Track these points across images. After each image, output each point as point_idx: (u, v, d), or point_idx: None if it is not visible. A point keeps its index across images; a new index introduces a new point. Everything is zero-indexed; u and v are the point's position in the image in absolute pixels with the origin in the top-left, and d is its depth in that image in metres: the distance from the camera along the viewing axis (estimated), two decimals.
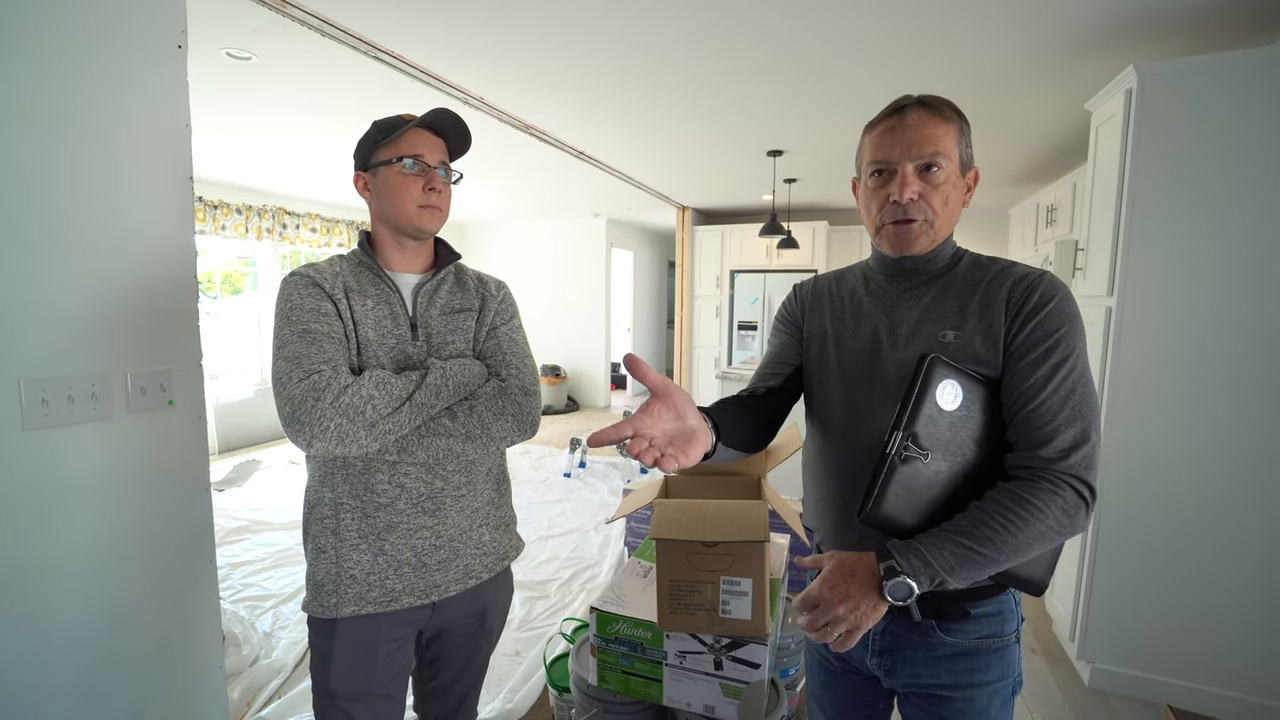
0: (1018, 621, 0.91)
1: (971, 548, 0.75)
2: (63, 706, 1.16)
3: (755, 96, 2.92)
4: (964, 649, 0.89)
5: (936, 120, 0.84)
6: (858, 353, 0.93)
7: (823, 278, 1.07)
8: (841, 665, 1.05)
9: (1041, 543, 0.76)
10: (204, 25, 2.16)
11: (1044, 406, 0.78)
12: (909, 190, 0.84)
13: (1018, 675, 0.92)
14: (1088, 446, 0.78)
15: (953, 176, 0.85)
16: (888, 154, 0.86)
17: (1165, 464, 1.97)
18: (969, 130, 0.89)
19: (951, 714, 0.91)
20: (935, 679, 0.91)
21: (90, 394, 1.17)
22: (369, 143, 1.05)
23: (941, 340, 0.85)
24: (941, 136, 0.84)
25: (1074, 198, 3.51)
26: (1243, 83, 1.80)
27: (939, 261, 0.90)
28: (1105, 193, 2.10)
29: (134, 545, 1.25)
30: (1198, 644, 1.97)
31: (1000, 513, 0.76)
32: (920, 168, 0.84)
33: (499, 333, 1.14)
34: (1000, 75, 2.57)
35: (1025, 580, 0.85)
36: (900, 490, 0.81)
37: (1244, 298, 1.84)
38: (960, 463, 0.82)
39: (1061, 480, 0.77)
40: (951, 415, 0.81)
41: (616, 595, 1.53)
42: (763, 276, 6.29)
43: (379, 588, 1.01)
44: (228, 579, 2.84)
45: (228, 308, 5.47)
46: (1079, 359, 0.80)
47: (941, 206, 0.85)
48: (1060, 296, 0.82)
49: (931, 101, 0.86)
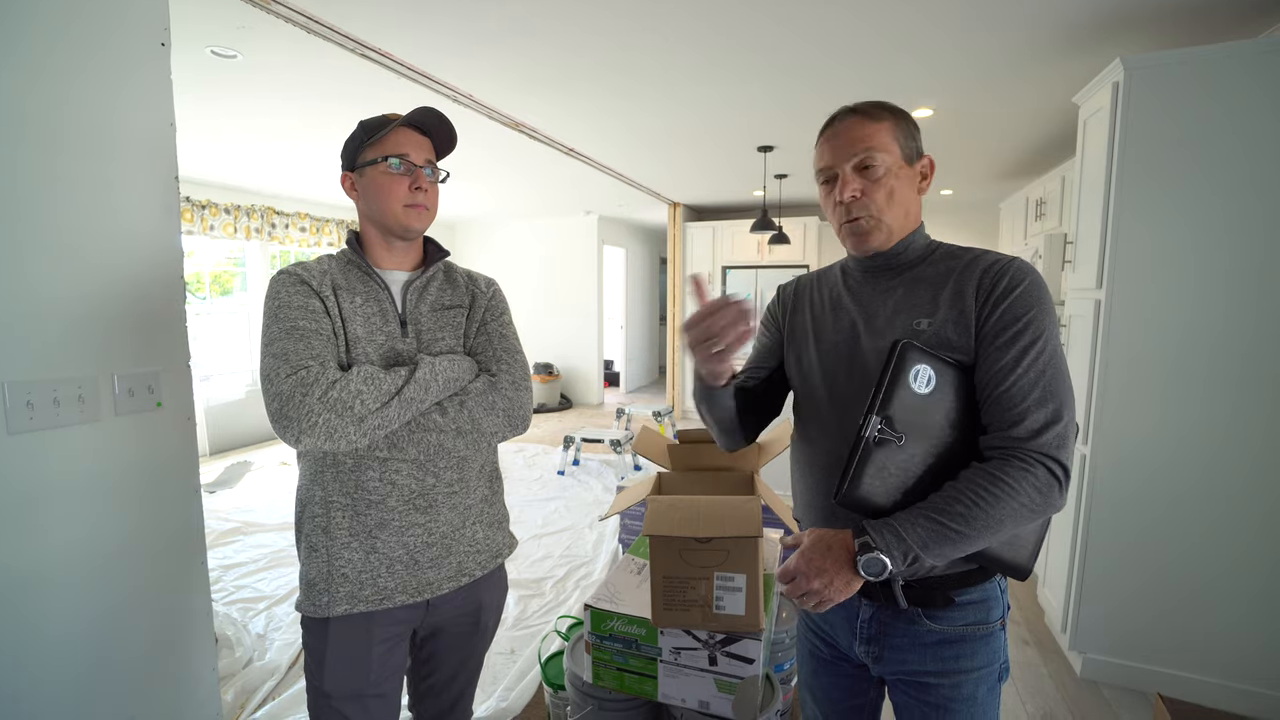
0: (1003, 609, 0.93)
1: (944, 523, 0.78)
2: (55, 711, 1.15)
3: (745, 92, 2.92)
4: (950, 636, 0.91)
5: (866, 121, 0.90)
6: (837, 345, 0.96)
7: (805, 278, 1.11)
8: (831, 654, 1.07)
9: (1014, 520, 0.79)
10: (188, 23, 2.14)
11: (1015, 388, 0.81)
12: (848, 190, 0.89)
13: (1004, 662, 0.94)
14: (1059, 426, 0.80)
15: (894, 168, 0.90)
16: (828, 161, 0.92)
17: (1154, 455, 1.99)
18: (911, 125, 0.94)
19: (939, 700, 0.93)
20: (922, 666, 0.93)
21: (77, 396, 1.15)
22: (355, 143, 1.05)
23: (916, 328, 0.88)
24: (873, 134, 0.89)
25: (1063, 191, 3.53)
26: (1229, 76, 1.81)
27: (910, 254, 0.94)
28: (1093, 186, 2.11)
29: (124, 548, 1.24)
30: (1188, 633, 1.99)
31: (973, 490, 0.79)
32: (858, 167, 0.89)
33: (489, 329, 1.13)
34: (987, 70, 2.58)
35: (1009, 564, 0.87)
36: (876, 472, 0.85)
37: (1230, 289, 1.86)
38: (935, 445, 0.85)
39: (1033, 459, 0.79)
40: (925, 399, 0.84)
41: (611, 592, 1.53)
42: (755, 272, 6.31)
43: (371, 586, 1.01)
44: (220, 581, 2.82)
45: (217, 309, 5.43)
46: (1049, 340, 0.82)
47: (886, 200, 0.89)
48: (1029, 281, 0.84)
49: (862, 107, 0.92)
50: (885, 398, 0.83)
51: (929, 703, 0.93)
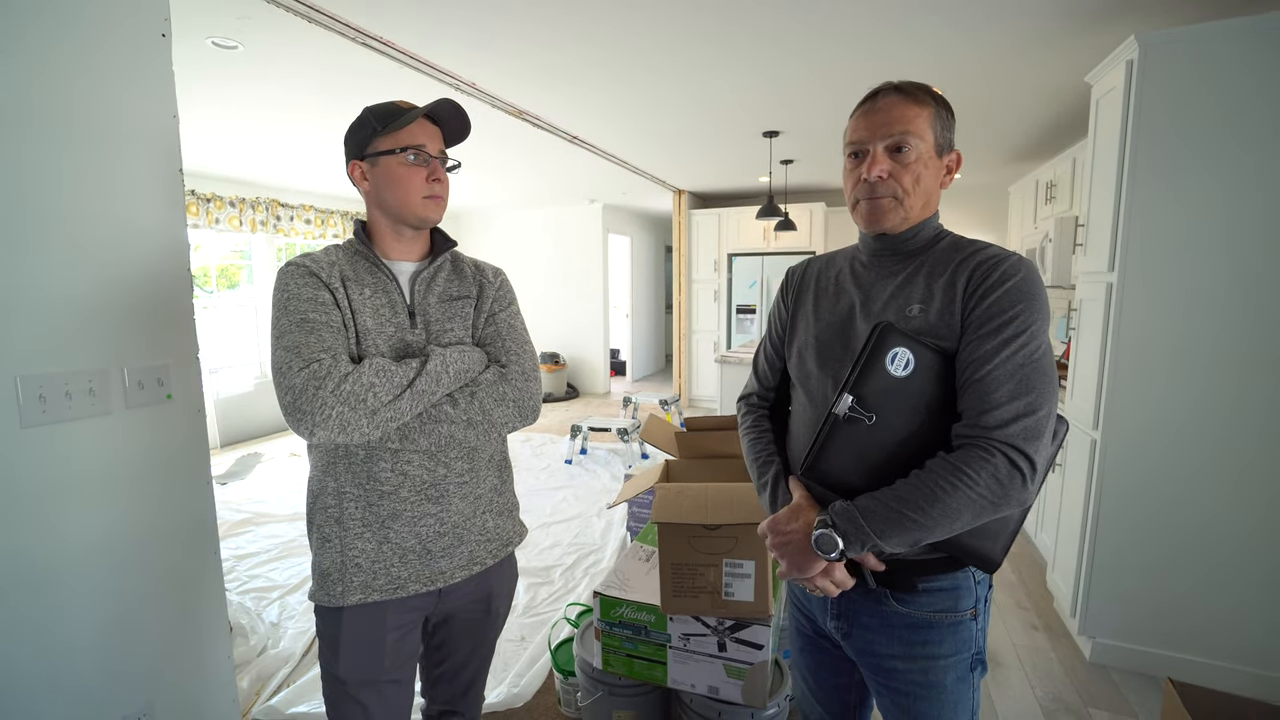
0: (976, 599, 0.92)
1: (902, 511, 0.79)
2: (73, 700, 1.17)
3: (750, 77, 2.89)
4: (917, 621, 0.92)
5: (908, 103, 0.89)
6: (833, 325, 0.97)
7: (815, 260, 1.10)
8: (813, 630, 1.08)
9: (973, 509, 0.78)
10: (189, 14, 2.12)
11: (990, 377, 0.81)
12: (877, 169, 0.89)
13: (976, 653, 0.93)
14: (1031, 419, 0.79)
15: (925, 156, 0.89)
16: (861, 136, 0.91)
17: (1165, 439, 1.97)
18: (949, 115, 0.92)
19: (905, 686, 0.93)
20: (889, 649, 0.94)
21: (88, 389, 1.16)
22: (366, 131, 1.03)
23: (908, 314, 0.89)
24: (913, 118, 0.88)
25: (1074, 173, 3.48)
26: (1247, 51, 1.77)
27: (919, 240, 0.93)
28: (1106, 168, 2.08)
29: (138, 540, 1.26)
30: (1198, 617, 1.99)
31: (931, 479, 0.79)
32: (890, 148, 0.89)
33: (498, 319, 1.13)
34: (997, 49, 2.54)
35: (975, 554, 0.87)
36: (843, 448, 0.85)
37: (1245, 271, 1.83)
38: (909, 428, 0.85)
39: (994, 448, 0.78)
40: (900, 381, 0.84)
41: (620, 580, 1.54)
42: (760, 259, 6.26)
43: (384, 575, 1.02)
44: (233, 571, 2.85)
45: (224, 302, 5.45)
46: (1034, 336, 0.82)
47: (912, 185, 0.89)
48: (1021, 276, 0.83)
49: (907, 87, 0.90)
50: (860, 377, 0.84)
51: (895, 689, 0.95)
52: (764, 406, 1.11)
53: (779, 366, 1.09)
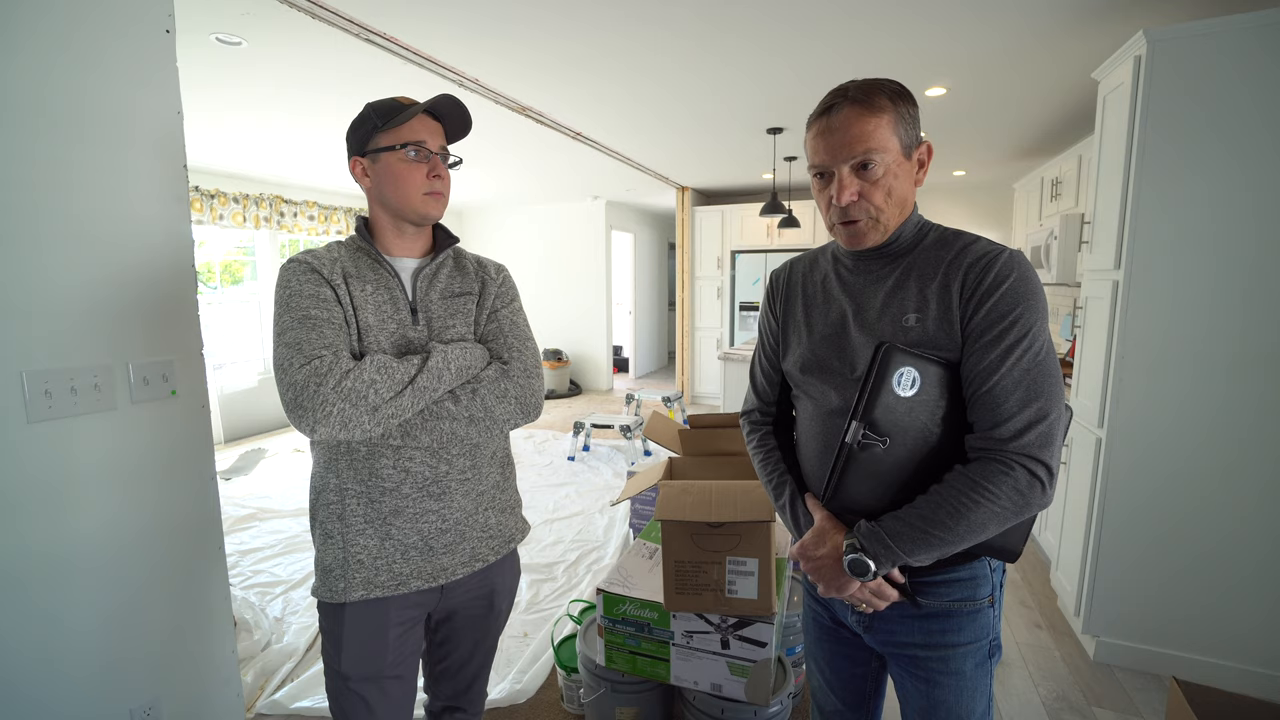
0: (993, 587, 0.94)
1: (928, 531, 0.80)
2: (78, 694, 1.17)
3: (753, 73, 2.87)
4: (937, 610, 0.92)
5: (866, 115, 0.83)
6: (828, 339, 0.96)
7: (798, 264, 1.08)
8: (832, 620, 1.08)
9: (997, 522, 0.80)
10: (193, 10, 2.12)
11: (998, 388, 0.80)
12: (846, 194, 0.85)
13: (993, 640, 0.95)
14: (1043, 425, 0.79)
15: (893, 166, 0.86)
16: (823, 158, 0.87)
17: (1171, 438, 1.96)
18: (911, 106, 0.88)
19: (928, 674, 0.94)
20: (910, 639, 0.95)
21: (93, 385, 1.16)
22: (367, 127, 1.03)
23: (904, 325, 0.87)
24: (873, 132, 0.83)
25: (1079, 170, 3.46)
26: (1260, 47, 1.75)
27: (901, 243, 0.92)
28: (1112, 164, 2.07)
29: (143, 535, 1.26)
30: (1203, 617, 1.98)
31: (953, 497, 0.80)
32: (856, 167, 0.85)
33: (500, 315, 1.13)
34: (1002, 46, 2.52)
35: (998, 549, 0.88)
36: (861, 476, 0.87)
37: (1253, 270, 1.81)
38: (921, 445, 0.85)
39: (1013, 460, 0.79)
40: (909, 401, 0.84)
41: (623, 577, 1.54)
42: (764, 256, 6.25)
43: (387, 572, 1.02)
44: (237, 566, 2.87)
45: (228, 298, 5.46)
46: (1036, 338, 0.81)
47: (884, 200, 0.87)
48: (1017, 275, 0.82)
49: (860, 94, 0.84)
50: (869, 404, 0.84)
51: (920, 676, 0.96)
52: (767, 422, 1.11)
53: (776, 380, 1.08)
